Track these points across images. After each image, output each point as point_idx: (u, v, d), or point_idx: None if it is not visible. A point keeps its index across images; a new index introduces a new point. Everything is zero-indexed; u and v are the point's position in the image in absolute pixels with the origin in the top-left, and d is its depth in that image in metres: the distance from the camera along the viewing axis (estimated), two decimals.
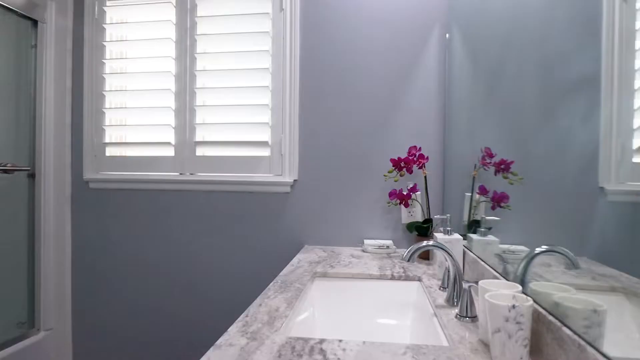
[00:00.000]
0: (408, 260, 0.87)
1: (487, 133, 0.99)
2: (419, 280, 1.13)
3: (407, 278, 1.14)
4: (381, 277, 1.15)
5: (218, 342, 0.68)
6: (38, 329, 1.69)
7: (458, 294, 0.87)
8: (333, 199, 1.56)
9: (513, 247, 0.81)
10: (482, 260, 0.97)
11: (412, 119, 1.52)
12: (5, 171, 1.57)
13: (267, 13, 1.56)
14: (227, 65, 1.61)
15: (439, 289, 1.01)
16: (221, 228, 1.63)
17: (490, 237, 0.95)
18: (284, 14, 1.56)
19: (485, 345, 0.67)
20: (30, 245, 1.69)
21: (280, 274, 1.13)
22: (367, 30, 1.54)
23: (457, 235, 1.05)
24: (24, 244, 1.67)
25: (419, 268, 1.23)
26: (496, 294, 0.62)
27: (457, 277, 0.87)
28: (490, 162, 0.96)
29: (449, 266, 0.89)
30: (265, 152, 1.58)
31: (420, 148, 1.43)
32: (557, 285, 0.62)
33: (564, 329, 0.56)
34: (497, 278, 0.84)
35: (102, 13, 1.68)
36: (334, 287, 1.15)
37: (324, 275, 1.17)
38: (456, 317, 0.80)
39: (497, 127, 0.92)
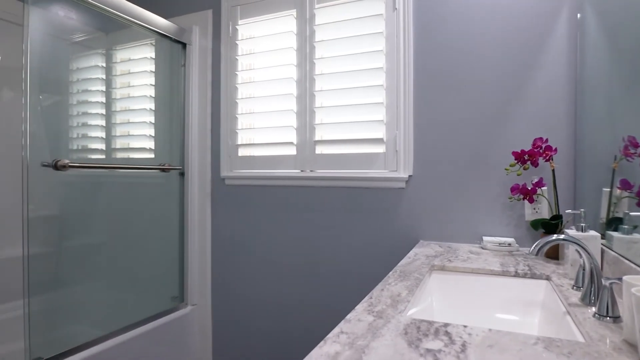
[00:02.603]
0: (536, 254, 0.84)
1: (631, 120, 0.90)
2: (547, 279, 1.07)
3: (534, 276, 1.09)
4: (503, 274, 1.12)
5: (347, 317, 0.75)
6: (186, 304, 2.01)
7: (596, 292, 0.81)
8: (449, 194, 1.55)
9: None
10: (627, 259, 0.88)
11: (536, 108, 1.42)
12: (163, 170, 1.91)
13: (380, 14, 1.62)
14: (343, 68, 1.70)
15: (572, 288, 0.94)
16: (338, 222, 1.73)
17: (637, 236, 0.86)
18: (397, 13, 1.59)
19: (631, 345, 0.62)
20: (181, 233, 2.02)
21: (399, 264, 1.17)
22: (484, 19, 1.49)
23: (593, 232, 0.97)
24: (176, 231, 2.01)
25: (546, 267, 1.16)
26: None
27: (595, 273, 0.81)
28: (636, 153, 0.86)
29: (584, 262, 0.83)
30: (380, 149, 1.64)
31: (547, 140, 1.33)
32: None
33: None
34: None
35: (235, 31, 1.92)
36: (452, 280, 1.15)
37: (442, 268, 1.17)
38: (594, 316, 0.75)
39: None
